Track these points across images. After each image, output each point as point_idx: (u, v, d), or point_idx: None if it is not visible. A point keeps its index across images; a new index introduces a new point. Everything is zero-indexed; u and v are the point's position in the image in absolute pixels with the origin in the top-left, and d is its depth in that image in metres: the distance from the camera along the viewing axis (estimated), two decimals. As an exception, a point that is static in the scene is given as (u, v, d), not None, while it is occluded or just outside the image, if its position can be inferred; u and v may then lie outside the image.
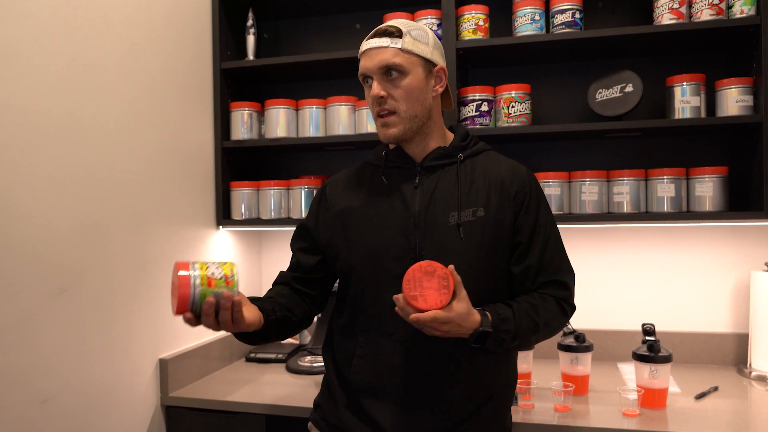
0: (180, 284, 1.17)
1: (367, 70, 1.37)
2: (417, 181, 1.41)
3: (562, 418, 1.69)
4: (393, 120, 1.37)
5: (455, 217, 1.36)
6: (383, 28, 1.37)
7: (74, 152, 1.61)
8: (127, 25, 1.81)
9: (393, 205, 1.41)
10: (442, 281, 1.20)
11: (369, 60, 1.37)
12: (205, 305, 1.19)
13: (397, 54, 1.35)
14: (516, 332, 1.30)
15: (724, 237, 2.18)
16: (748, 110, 1.90)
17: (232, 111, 2.29)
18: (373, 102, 1.38)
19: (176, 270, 1.19)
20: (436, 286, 1.20)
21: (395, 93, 1.36)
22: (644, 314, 2.22)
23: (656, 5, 1.97)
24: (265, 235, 2.62)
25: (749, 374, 2.01)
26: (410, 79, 1.36)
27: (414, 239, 1.36)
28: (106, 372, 1.71)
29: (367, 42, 1.38)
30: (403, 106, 1.36)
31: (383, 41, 1.35)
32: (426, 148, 1.43)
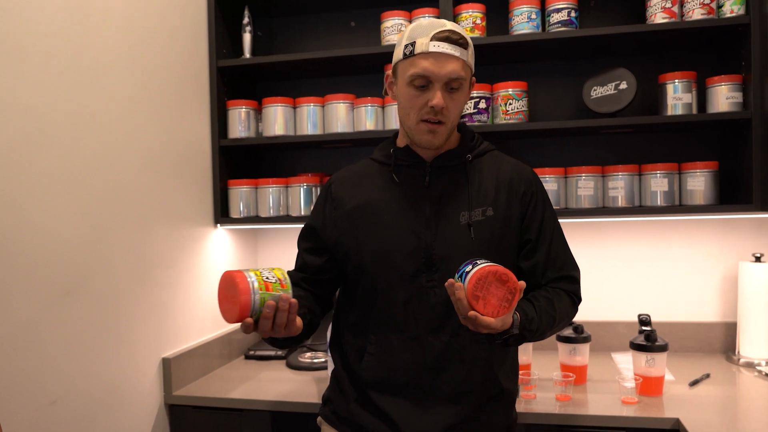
0: (241, 291, 1.17)
1: (432, 75, 1.31)
2: (427, 181, 1.43)
3: (564, 407, 1.73)
4: (441, 129, 1.37)
5: (466, 216, 1.39)
6: (454, 36, 1.31)
7: (77, 152, 1.60)
8: (127, 24, 1.80)
9: (404, 204, 1.42)
10: (508, 294, 1.18)
11: (437, 65, 1.30)
12: (266, 309, 1.19)
13: (464, 67, 1.33)
14: (537, 330, 1.33)
15: (713, 229, 2.25)
16: (737, 107, 1.97)
17: (229, 109, 2.29)
18: (424, 107, 1.34)
19: (232, 278, 1.19)
20: (501, 296, 1.18)
21: (450, 104, 1.34)
22: (636, 305, 2.28)
23: (649, 4, 2.02)
24: (261, 234, 2.62)
25: (738, 361, 2.08)
26: (464, 93, 1.37)
27: (425, 238, 1.39)
28: (111, 372, 1.71)
29: (435, 44, 1.30)
30: (452, 118, 1.37)
31: (455, 50, 1.31)
32: (438, 150, 1.44)
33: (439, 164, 1.44)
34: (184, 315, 2.07)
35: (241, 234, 2.49)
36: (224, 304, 1.22)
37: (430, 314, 1.38)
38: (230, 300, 1.20)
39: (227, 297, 1.21)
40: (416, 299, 1.39)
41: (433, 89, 1.32)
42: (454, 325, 1.37)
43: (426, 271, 1.38)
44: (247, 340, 2.45)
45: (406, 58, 1.35)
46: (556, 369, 1.99)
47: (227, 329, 2.33)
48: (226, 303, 1.21)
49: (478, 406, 1.41)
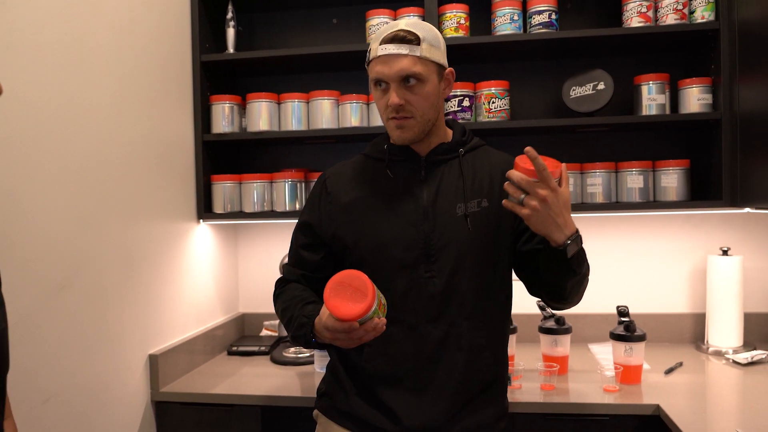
0: (370, 298, 1.22)
1: (384, 77, 1.37)
2: (423, 175, 1.46)
3: (549, 396, 1.80)
4: (409, 124, 1.41)
5: (462, 208, 1.43)
6: (401, 34, 1.36)
7: (70, 144, 1.58)
8: (115, 17, 1.78)
9: (401, 197, 1.45)
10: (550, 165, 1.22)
11: (386, 67, 1.37)
12: (370, 324, 1.25)
13: (416, 63, 1.36)
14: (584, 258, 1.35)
15: (683, 224, 2.35)
16: (707, 108, 2.07)
17: (213, 104, 2.28)
18: (386, 108, 1.40)
19: (367, 284, 1.24)
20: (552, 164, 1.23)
21: (412, 99, 1.38)
22: (613, 297, 2.36)
23: (625, 9, 2.10)
24: (241, 229, 2.62)
25: (707, 350, 2.19)
26: (427, 86, 1.39)
27: (423, 229, 1.42)
28: (102, 368, 1.69)
29: (383, 47, 1.37)
30: (419, 112, 1.40)
31: (402, 49, 1.35)
32: (430, 144, 1.48)
33: (433, 158, 1.47)
34: (169, 311, 2.06)
35: (222, 230, 2.48)
36: (340, 299, 1.24)
37: (429, 304, 1.42)
38: (351, 299, 1.23)
39: (349, 294, 1.23)
40: (415, 289, 1.42)
41: (389, 89, 1.38)
42: (452, 314, 1.41)
43: (424, 261, 1.41)
44: (228, 336, 2.45)
45: (367, 65, 1.44)
46: (538, 360, 2.05)
47: (209, 325, 2.32)
48: (344, 299, 1.23)
49: (477, 394, 1.44)
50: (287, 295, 1.52)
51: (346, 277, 1.25)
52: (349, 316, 1.21)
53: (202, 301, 2.30)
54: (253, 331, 2.59)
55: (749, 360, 2.02)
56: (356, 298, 1.22)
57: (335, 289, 1.25)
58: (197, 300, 2.25)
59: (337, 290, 1.24)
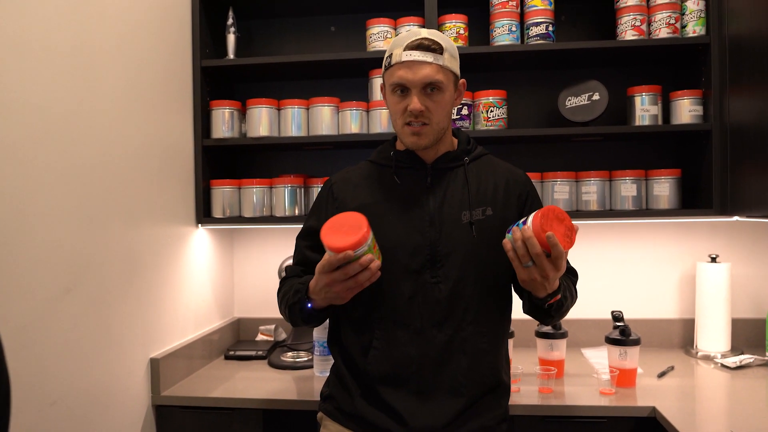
0: (364, 230, 1.27)
1: (408, 82, 1.40)
2: (429, 182, 1.50)
3: (547, 399, 1.83)
4: (425, 131, 1.44)
5: (467, 215, 1.46)
6: (426, 42, 1.40)
7: (75, 148, 1.58)
8: (120, 23, 1.78)
9: (407, 204, 1.48)
10: (567, 231, 1.27)
11: (410, 72, 1.40)
12: (366, 258, 1.29)
13: (438, 71, 1.40)
14: (567, 298, 1.44)
15: (674, 232, 2.42)
16: (698, 119, 2.13)
17: (213, 109, 2.29)
18: (405, 112, 1.43)
19: (360, 218, 1.30)
20: (563, 232, 1.26)
21: (431, 107, 1.42)
22: (605, 303, 2.41)
23: (619, 22, 2.16)
24: (237, 234, 2.62)
25: (696, 354, 2.24)
26: (446, 95, 1.43)
27: (430, 236, 1.45)
28: (105, 372, 1.69)
29: (408, 53, 1.40)
30: (436, 119, 1.44)
31: (427, 56, 1.39)
32: (437, 152, 1.51)
33: (439, 166, 1.51)
34: (169, 315, 2.06)
35: (219, 234, 2.49)
36: (336, 232, 1.28)
37: (435, 308, 1.44)
38: (347, 231, 1.28)
39: (344, 228, 1.29)
40: (421, 294, 1.45)
41: (410, 95, 1.41)
42: (457, 318, 1.44)
43: (430, 267, 1.44)
44: (224, 340, 2.45)
45: (387, 69, 1.47)
46: (535, 364, 2.09)
47: (207, 329, 2.32)
48: (339, 232, 1.28)
49: (480, 397, 1.47)
50: (286, 285, 1.56)
51: (342, 216, 1.31)
52: (344, 244, 1.26)
53: (200, 305, 2.30)
54: (248, 336, 2.60)
55: (738, 364, 2.08)
56: (351, 232, 1.27)
57: (331, 227, 1.30)
58: (195, 304, 2.26)
59: (333, 228, 1.30)
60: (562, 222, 1.27)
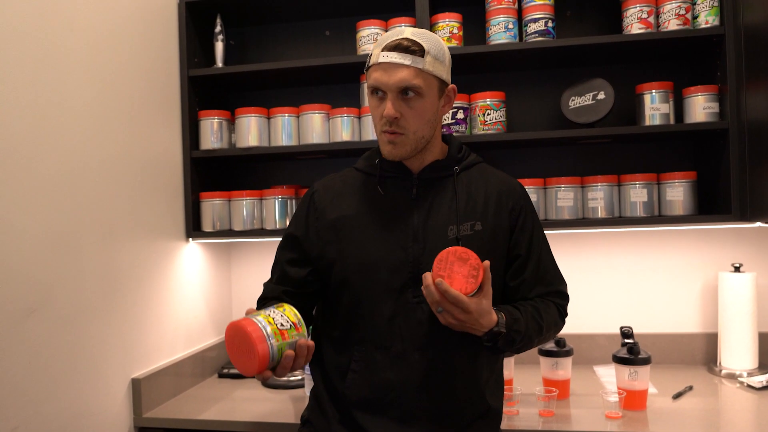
0: (257, 343, 1.12)
1: (382, 85, 1.30)
2: (414, 193, 1.39)
3: (547, 423, 1.70)
4: (401, 140, 1.34)
5: (454, 230, 1.36)
6: (405, 43, 1.29)
7: (41, 161, 1.52)
8: (92, 31, 1.73)
9: (390, 217, 1.38)
10: (472, 270, 1.21)
11: (386, 75, 1.30)
12: (285, 360, 1.17)
13: (417, 75, 1.29)
14: (524, 333, 1.32)
15: (692, 240, 2.24)
16: (714, 117, 1.97)
17: (201, 120, 2.23)
18: (381, 118, 1.33)
19: (243, 330, 1.14)
20: (466, 273, 1.20)
21: (408, 114, 1.31)
22: (617, 317, 2.26)
23: (625, 15, 2.02)
24: (234, 248, 2.55)
25: (719, 372, 2.07)
26: (425, 101, 1.32)
27: (413, 252, 1.35)
28: (78, 395, 1.63)
29: (385, 54, 1.30)
30: (413, 128, 1.33)
31: (405, 59, 1.29)
32: (423, 161, 1.41)
33: (426, 176, 1.40)
34: (155, 333, 1.99)
35: (213, 248, 2.42)
36: (237, 357, 1.16)
37: (417, 331, 1.34)
38: (245, 353, 1.14)
39: (241, 349, 1.15)
40: (402, 315, 1.35)
41: (386, 99, 1.31)
42: (441, 341, 1.34)
43: (413, 285, 1.34)
44: (220, 357, 2.38)
45: (366, 71, 1.37)
46: (538, 384, 1.95)
47: (200, 347, 2.25)
48: (240, 356, 1.16)
49: (465, 426, 1.37)
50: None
51: (230, 332, 1.18)
52: (253, 371, 1.15)
53: (192, 322, 2.23)
54: (247, 352, 2.52)
55: (765, 383, 1.91)
56: (249, 351, 1.14)
57: (232, 347, 1.18)
58: (186, 321, 2.19)
59: (235, 348, 1.17)
60: (466, 262, 1.21)
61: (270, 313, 1.19)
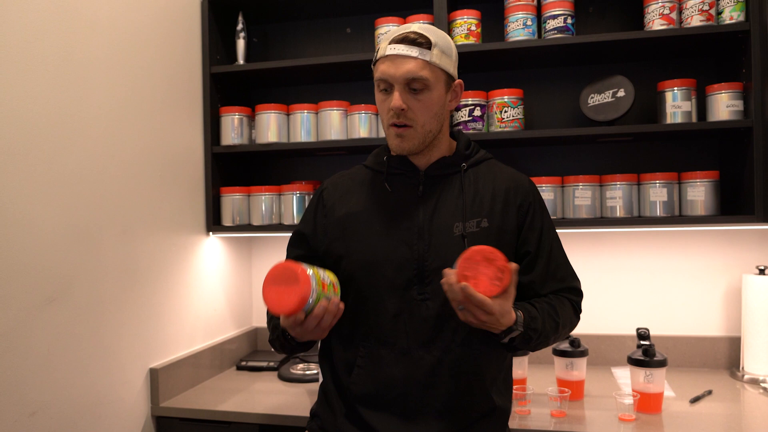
0: (303, 282, 1.16)
1: (390, 77, 1.31)
2: (421, 190, 1.39)
3: (559, 424, 1.68)
4: (409, 133, 1.34)
5: (460, 227, 1.35)
6: (412, 36, 1.31)
7: (63, 156, 1.58)
8: (115, 30, 1.78)
9: (396, 214, 1.39)
10: (498, 272, 1.18)
11: (393, 67, 1.30)
12: (319, 308, 1.20)
13: (424, 67, 1.30)
14: (541, 331, 1.30)
15: (715, 241, 2.19)
16: (738, 115, 1.92)
17: (222, 116, 2.27)
18: (388, 111, 1.34)
19: (293, 269, 1.17)
20: (491, 275, 1.18)
21: (415, 106, 1.32)
22: (637, 318, 2.22)
23: (647, 11, 1.98)
24: (255, 242, 2.59)
25: (742, 377, 2.01)
26: (433, 94, 1.33)
27: (418, 249, 1.35)
28: (95, 382, 1.67)
29: (392, 47, 1.31)
30: (421, 121, 1.33)
31: (412, 50, 1.30)
32: (431, 158, 1.41)
33: (433, 173, 1.40)
34: (174, 324, 2.03)
35: (234, 242, 2.46)
36: (275, 296, 1.18)
37: (422, 328, 1.34)
38: (286, 291, 1.17)
39: (282, 287, 1.18)
40: (407, 312, 1.35)
41: (393, 92, 1.32)
42: (446, 339, 1.33)
43: (418, 283, 1.34)
44: (240, 350, 2.42)
45: (374, 65, 1.38)
46: (552, 384, 1.93)
47: (219, 339, 2.29)
48: (279, 294, 1.18)
49: (469, 423, 1.36)
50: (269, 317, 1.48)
51: (276, 270, 1.19)
52: (287, 309, 1.16)
53: (211, 314, 2.27)
54: (266, 345, 2.56)
55: (788, 389, 1.85)
56: (290, 291, 1.16)
57: (270, 286, 1.19)
58: (206, 313, 2.23)
59: (272, 286, 1.19)
60: (492, 263, 1.18)
61: (317, 267, 1.23)
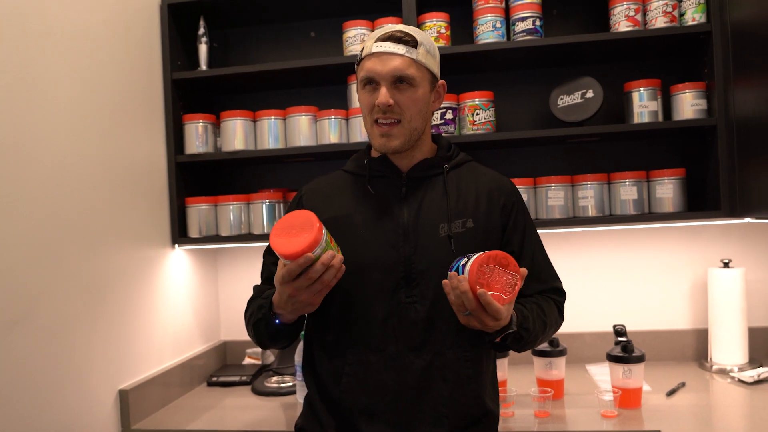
0: (315, 227, 1.17)
1: (376, 75, 1.31)
2: (404, 191, 1.37)
3: (543, 424, 1.69)
4: (396, 131, 1.33)
5: (445, 228, 1.34)
6: (398, 34, 1.31)
7: (22, 171, 1.48)
8: (72, 37, 1.68)
9: (380, 216, 1.37)
10: (510, 279, 1.17)
11: (380, 64, 1.30)
12: (327, 255, 1.18)
13: (411, 65, 1.31)
14: (532, 330, 1.30)
15: (680, 237, 2.25)
16: (702, 113, 1.97)
17: (186, 123, 2.18)
18: (374, 109, 1.32)
19: (307, 214, 1.19)
20: (504, 282, 1.17)
21: (402, 101, 1.31)
22: (607, 315, 2.26)
23: (612, 13, 2.02)
24: (220, 253, 2.51)
25: (711, 368, 2.07)
26: (418, 91, 1.33)
27: (404, 251, 1.33)
28: (64, 408, 1.58)
29: (379, 44, 1.31)
30: (408, 116, 1.32)
31: (398, 48, 1.30)
32: (413, 159, 1.40)
33: (415, 175, 1.39)
34: (142, 342, 1.94)
35: (199, 254, 2.37)
36: (287, 236, 1.17)
37: (411, 331, 1.32)
38: (298, 233, 1.16)
39: (294, 230, 1.17)
40: (395, 316, 1.32)
41: (379, 88, 1.31)
42: (436, 342, 1.32)
43: (405, 286, 1.32)
44: (209, 366, 2.33)
45: (357, 65, 1.37)
46: (531, 384, 1.94)
47: (187, 355, 2.21)
48: (290, 235, 1.17)
49: (464, 428, 1.34)
50: (252, 305, 1.42)
51: (288, 217, 1.20)
52: (298, 248, 1.14)
53: (179, 329, 2.18)
54: (235, 359, 2.48)
55: (756, 378, 1.91)
56: (303, 232, 1.16)
57: (280, 232, 1.18)
58: (174, 329, 2.14)
59: (282, 232, 1.18)
60: (506, 268, 1.18)
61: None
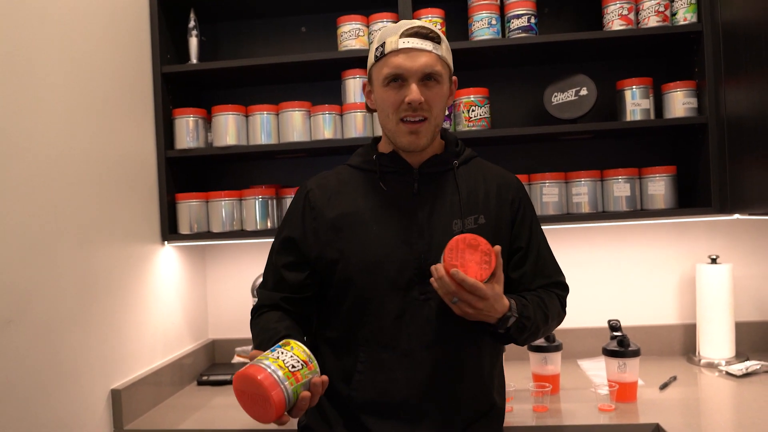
0: (271, 391, 1.05)
1: (406, 71, 1.28)
2: (416, 188, 1.37)
3: (542, 419, 1.70)
4: (424, 129, 1.32)
5: (459, 224, 1.34)
6: (424, 31, 1.29)
7: (8, 167, 1.42)
8: (59, 29, 1.63)
9: (393, 213, 1.36)
10: (484, 256, 1.19)
11: (409, 60, 1.28)
12: (302, 402, 1.10)
13: (438, 61, 1.30)
14: (533, 319, 1.31)
15: (671, 232, 2.28)
16: (693, 112, 2.01)
17: (176, 118, 2.14)
18: (401, 106, 1.30)
19: (253, 379, 1.06)
20: (478, 260, 1.18)
21: (430, 99, 1.30)
22: (599, 311, 2.28)
23: (606, 11, 2.04)
24: (209, 250, 2.47)
25: (699, 362, 2.11)
26: (443, 88, 1.33)
27: (418, 248, 1.33)
28: (56, 408, 1.53)
29: (405, 40, 1.28)
30: (434, 113, 1.32)
31: (426, 44, 1.28)
32: (423, 155, 1.39)
33: (426, 170, 1.38)
34: (134, 341, 1.90)
35: (188, 251, 2.33)
36: (251, 406, 1.09)
37: (425, 328, 1.32)
38: (259, 402, 1.07)
39: (254, 399, 1.08)
40: (409, 313, 1.32)
41: (408, 85, 1.29)
42: (447, 338, 1.32)
43: (419, 282, 1.32)
44: (198, 364, 2.29)
45: (378, 61, 1.33)
46: (527, 379, 1.95)
47: (177, 354, 2.17)
48: (253, 405, 1.09)
49: (472, 422, 1.35)
50: (261, 326, 1.38)
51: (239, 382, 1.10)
52: (271, 418, 1.08)
53: (169, 328, 2.14)
54: (224, 358, 2.44)
55: (743, 371, 1.95)
56: (264, 400, 1.07)
57: (243, 397, 1.10)
58: (163, 327, 2.10)
59: (247, 398, 1.10)
60: (477, 248, 1.19)
61: (278, 356, 1.11)
